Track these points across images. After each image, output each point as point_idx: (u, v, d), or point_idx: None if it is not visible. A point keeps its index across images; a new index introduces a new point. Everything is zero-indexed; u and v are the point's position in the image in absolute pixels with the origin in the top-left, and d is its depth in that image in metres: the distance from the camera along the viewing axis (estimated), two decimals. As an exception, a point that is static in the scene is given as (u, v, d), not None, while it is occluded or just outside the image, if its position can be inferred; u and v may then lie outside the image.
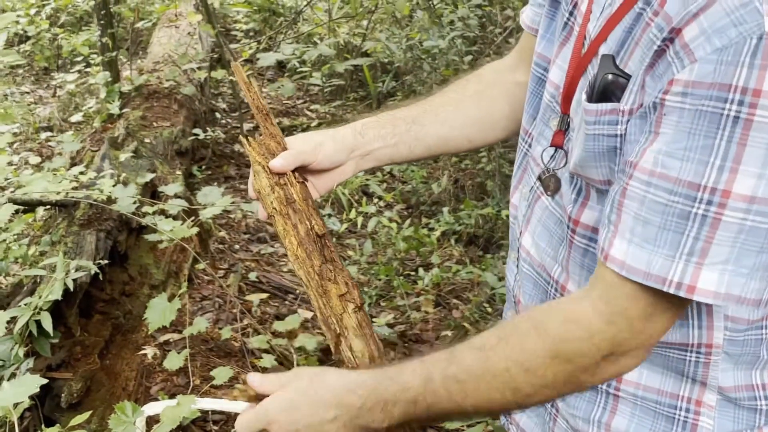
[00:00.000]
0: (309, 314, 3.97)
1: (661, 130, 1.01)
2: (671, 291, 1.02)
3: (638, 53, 1.07)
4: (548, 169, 1.32)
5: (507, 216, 4.91)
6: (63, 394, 3.00)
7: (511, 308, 1.55)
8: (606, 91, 1.11)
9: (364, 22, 7.51)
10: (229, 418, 3.21)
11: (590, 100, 1.14)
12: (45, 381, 1.43)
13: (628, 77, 1.09)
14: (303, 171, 1.50)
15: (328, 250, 1.40)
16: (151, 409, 2.59)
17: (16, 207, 3.76)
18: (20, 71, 7.93)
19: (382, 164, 1.60)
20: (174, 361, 2.92)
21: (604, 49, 1.15)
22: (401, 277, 4.45)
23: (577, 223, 1.24)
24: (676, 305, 1.08)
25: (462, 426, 3.19)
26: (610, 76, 1.10)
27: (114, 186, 3.81)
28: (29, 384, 1.43)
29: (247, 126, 6.65)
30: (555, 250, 1.32)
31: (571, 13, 1.31)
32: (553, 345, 1.12)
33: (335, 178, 1.56)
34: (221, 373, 2.85)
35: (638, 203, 1.04)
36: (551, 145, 1.31)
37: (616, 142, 1.11)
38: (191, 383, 3.20)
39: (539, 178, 1.35)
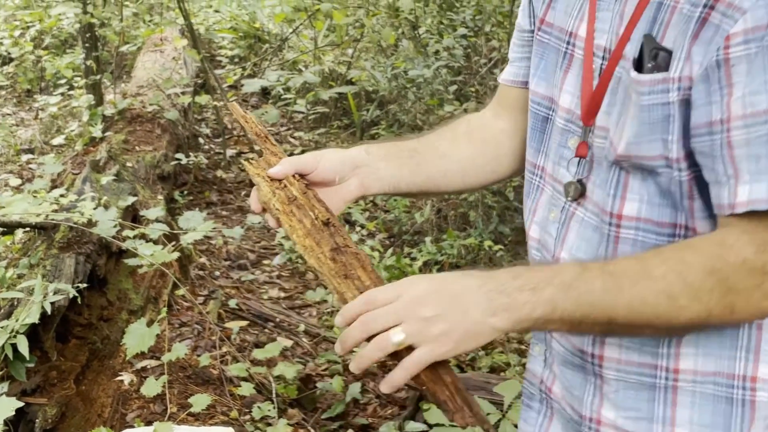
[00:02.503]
0: (289, 342, 3.94)
1: (734, 80, 1.08)
2: None
3: (672, 32, 1.15)
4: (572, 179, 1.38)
5: (489, 246, 4.92)
6: (37, 420, 2.95)
7: (539, 342, 1.53)
8: (656, 65, 1.18)
9: (350, 51, 7.52)
10: (206, 447, 3.17)
11: (640, 72, 1.20)
12: (20, 404, 1.41)
13: (670, 51, 1.16)
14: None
15: (338, 235, 1.36)
16: (126, 436, 2.56)
17: (-5, 229, 3.73)
18: (2, 93, 7.90)
19: (385, 190, 1.56)
20: (151, 387, 2.89)
21: (629, 49, 1.22)
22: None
23: (620, 218, 1.27)
24: None
25: None
26: (659, 51, 1.17)
27: (95, 209, 3.78)
28: (4, 407, 1.40)
29: (230, 152, 6.64)
30: (595, 256, 1.33)
31: (568, 43, 1.39)
32: (710, 261, 1.13)
33: (342, 196, 1.51)
34: (199, 401, 2.82)
35: (745, 146, 1.10)
36: (576, 156, 1.36)
37: (670, 110, 1.17)
38: (168, 411, 3.16)
39: (565, 187, 1.39)
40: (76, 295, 3.29)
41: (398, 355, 1.16)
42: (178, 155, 5.60)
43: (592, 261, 1.23)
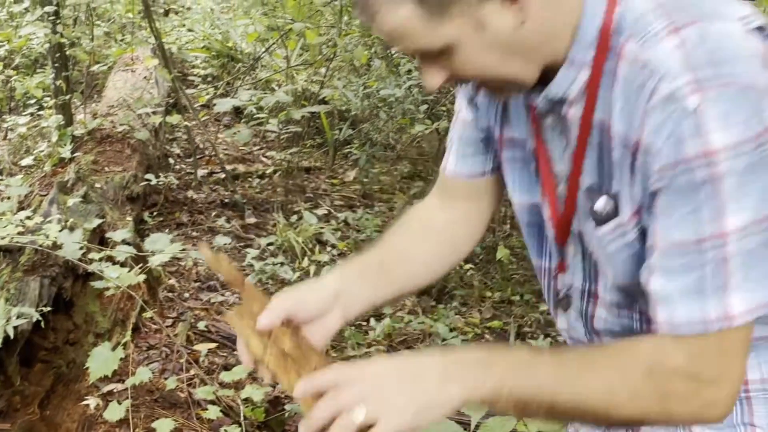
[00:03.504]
0: (258, 364, 3.91)
1: (660, 213, 1.17)
2: (714, 329, 1.16)
3: (617, 172, 1.23)
4: (559, 292, 1.48)
5: (460, 266, 4.91)
6: (-1, 447, 2.91)
7: None
8: (608, 215, 1.27)
9: (323, 70, 7.52)
10: (172, 472, 3.13)
11: (598, 225, 1.29)
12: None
13: (615, 195, 1.25)
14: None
15: None
16: (88, 463, 2.52)
17: (-41, 252, 3.68)
18: (-29, 113, 7.84)
19: (364, 310, 1.57)
20: (114, 412, 2.86)
21: (586, 180, 1.30)
22: (352, 328, 4.40)
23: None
24: (735, 337, 1.18)
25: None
26: (605, 202, 1.27)
27: (60, 231, 3.75)
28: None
29: (201, 172, 6.61)
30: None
31: (533, 159, 1.43)
32: (648, 365, 1.20)
33: (326, 329, 1.49)
34: (163, 426, 2.79)
35: (661, 275, 1.19)
36: (558, 272, 1.46)
37: (634, 247, 1.26)
38: (133, 435, 3.13)
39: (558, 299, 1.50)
40: (40, 318, 3.25)
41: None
42: (148, 176, 5.56)
43: (546, 349, 1.30)
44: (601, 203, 1.27)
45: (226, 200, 6.26)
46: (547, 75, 1.26)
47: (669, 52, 1.12)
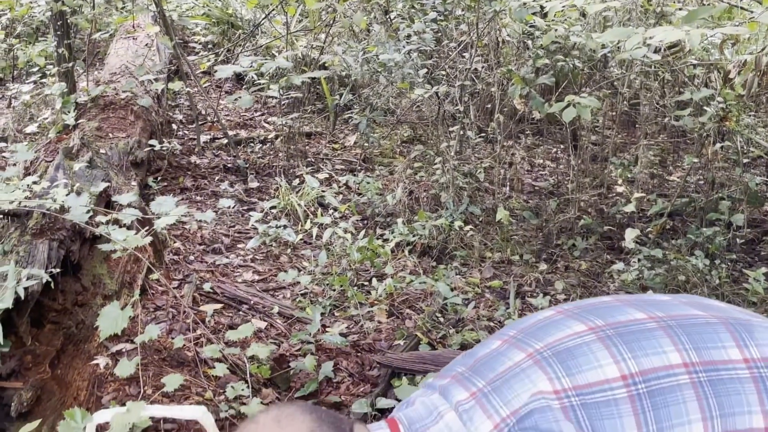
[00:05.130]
0: (262, 324, 3.99)
1: None
2: None
3: None
4: None
5: (460, 227, 4.99)
6: (13, 404, 2.99)
7: None
8: None
9: (322, 36, 7.55)
10: (181, 427, 3.22)
11: None
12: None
13: None
14: None
15: None
16: (100, 416, 2.60)
17: (-32, 216, 3.75)
18: (-25, 82, 7.88)
19: None
20: (125, 368, 2.93)
21: None
22: (355, 287, 4.48)
23: None
24: None
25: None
26: None
27: (67, 195, 3.81)
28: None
29: (204, 137, 6.66)
30: None
31: None
32: None
33: None
34: (171, 381, 2.86)
35: None
36: None
37: None
38: (143, 392, 3.21)
39: None
40: (50, 280, 3.33)
41: None
42: (152, 142, 5.62)
43: None
44: None
45: (229, 165, 6.32)
46: None
47: None
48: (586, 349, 1.38)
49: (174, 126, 6.79)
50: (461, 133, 5.90)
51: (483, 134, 6.44)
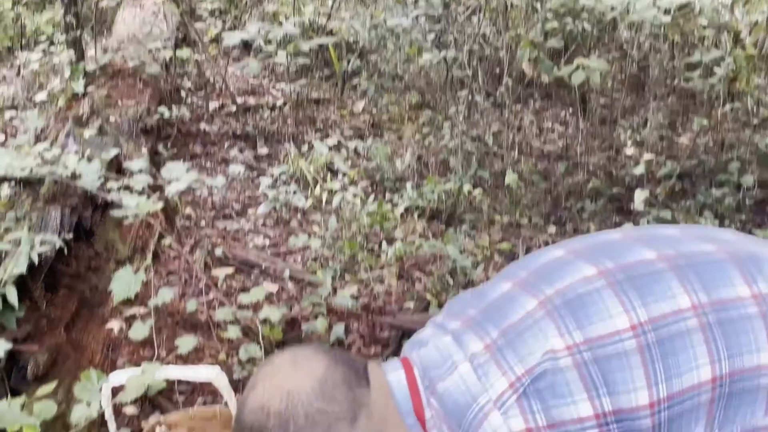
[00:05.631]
0: (274, 288, 4.02)
1: None
2: None
3: None
4: None
5: (469, 191, 5.00)
6: (29, 366, 3.03)
7: None
8: None
9: (330, 1, 7.53)
10: (195, 389, 3.26)
11: None
12: (10, 346, 1.48)
13: None
14: None
15: None
16: (116, 377, 2.64)
17: (-20, 184, 3.78)
18: (-17, 51, 7.88)
19: None
20: (139, 331, 2.97)
21: None
22: (365, 251, 4.51)
23: None
24: None
25: None
26: None
27: (79, 162, 3.84)
28: (-6, 348, 1.47)
29: (212, 105, 6.67)
30: None
31: None
32: None
33: None
34: (185, 342, 2.90)
35: None
36: None
37: None
38: (156, 354, 3.25)
39: None
40: (63, 245, 3.37)
41: None
42: (161, 109, 5.64)
43: None
44: None
45: (238, 132, 6.33)
46: None
47: None
48: (597, 298, 1.39)
49: (182, 93, 6.80)
50: (470, 97, 5.90)
51: (492, 99, 6.43)
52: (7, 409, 2.01)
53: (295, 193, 5.18)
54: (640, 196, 4.62)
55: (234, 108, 6.61)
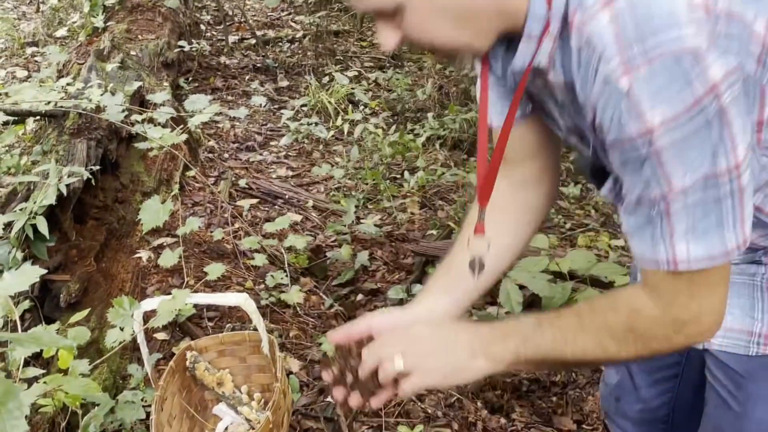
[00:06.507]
0: (298, 217, 4.07)
1: (618, 172, 1.27)
2: (666, 269, 1.25)
3: (581, 92, 1.25)
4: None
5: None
6: (61, 295, 3.09)
7: None
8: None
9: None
10: (224, 315, 3.32)
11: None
12: (44, 271, 1.51)
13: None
14: None
15: None
16: (147, 304, 2.69)
17: (6, 118, 3.81)
18: (2, -12, 7.88)
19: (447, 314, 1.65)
20: (168, 258, 3.01)
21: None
22: (388, 181, 4.54)
23: None
24: (706, 279, 1.27)
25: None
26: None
27: (102, 95, 3.86)
28: (30, 274, 1.50)
29: (232, 38, 6.66)
30: None
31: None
32: (627, 322, 1.33)
33: None
34: (214, 270, 2.94)
35: (625, 214, 1.30)
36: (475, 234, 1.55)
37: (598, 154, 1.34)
38: (186, 282, 3.31)
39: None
40: (90, 176, 3.40)
41: (396, 380, 1.42)
42: (181, 43, 5.64)
43: (545, 315, 1.42)
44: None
45: (258, 65, 6.33)
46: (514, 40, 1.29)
47: (604, 27, 1.12)
48: None
49: (202, 27, 6.79)
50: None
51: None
52: (44, 332, 2.06)
53: (316, 124, 5.20)
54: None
55: (253, 41, 6.60)
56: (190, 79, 5.81)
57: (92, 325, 3.01)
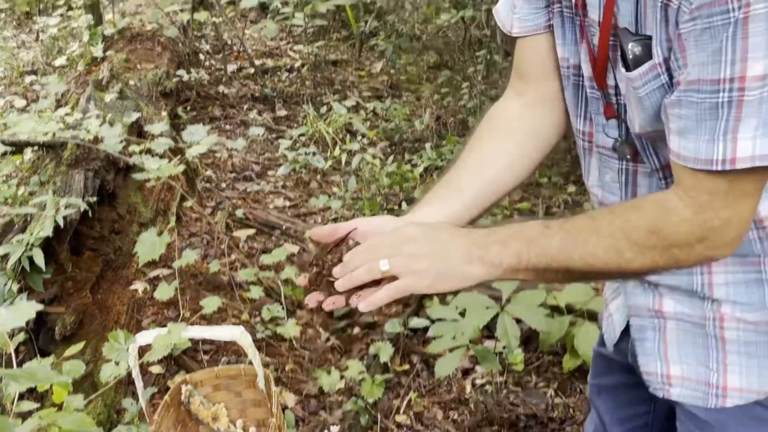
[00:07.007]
0: (295, 248, 4.06)
1: (687, 54, 1.17)
2: (718, 168, 1.17)
3: (650, 15, 1.23)
4: (619, 137, 1.45)
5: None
6: (56, 327, 3.09)
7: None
8: (638, 58, 1.27)
9: (346, -38, 7.49)
10: (219, 348, 3.31)
11: (629, 70, 1.29)
12: (41, 307, 1.50)
13: (649, 37, 1.25)
14: None
15: None
16: (143, 337, 2.68)
17: (4, 149, 3.81)
18: (2, 16, 7.91)
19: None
20: (164, 291, 3.01)
21: (621, 24, 1.30)
22: (385, 211, 4.53)
23: (667, 168, 1.36)
24: (744, 183, 1.21)
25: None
26: (633, 45, 1.27)
27: (100, 126, 3.87)
28: (26, 309, 1.49)
29: (231, 67, 6.68)
30: None
31: (576, 14, 1.42)
32: (652, 222, 1.26)
33: None
34: (210, 303, 2.94)
35: (678, 107, 1.20)
36: (607, 119, 1.44)
37: (665, 91, 1.26)
38: (181, 315, 3.30)
39: (614, 149, 1.46)
40: (87, 208, 3.41)
41: (383, 282, 1.29)
42: (180, 72, 5.66)
43: (554, 220, 1.33)
44: (633, 45, 1.27)
45: (257, 94, 6.35)
46: None
47: None
48: None
49: (201, 56, 6.82)
50: (488, 57, 5.88)
51: (510, 58, 6.40)
52: (39, 367, 2.05)
53: (314, 154, 5.21)
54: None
55: (252, 70, 6.62)
56: (189, 108, 5.83)
57: (87, 358, 3.00)
